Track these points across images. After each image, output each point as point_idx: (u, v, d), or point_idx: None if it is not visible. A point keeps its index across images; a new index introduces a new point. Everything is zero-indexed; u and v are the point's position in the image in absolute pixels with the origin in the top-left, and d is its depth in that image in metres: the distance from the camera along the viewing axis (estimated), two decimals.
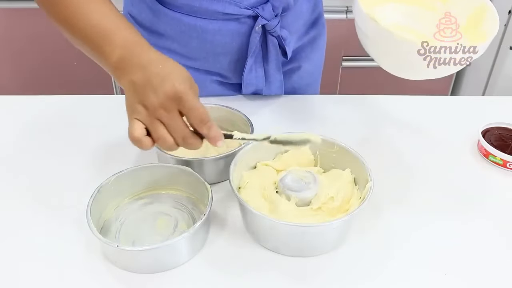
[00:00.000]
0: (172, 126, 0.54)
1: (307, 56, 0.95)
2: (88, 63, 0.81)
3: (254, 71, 0.88)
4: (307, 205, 0.64)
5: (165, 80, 0.53)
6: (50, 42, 1.70)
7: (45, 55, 1.74)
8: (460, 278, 0.59)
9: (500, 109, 0.92)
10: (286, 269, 0.59)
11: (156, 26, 0.84)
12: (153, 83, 0.53)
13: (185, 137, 0.55)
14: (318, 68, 1.01)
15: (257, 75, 0.88)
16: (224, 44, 0.84)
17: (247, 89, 0.91)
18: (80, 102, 0.93)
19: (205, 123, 0.55)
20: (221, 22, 0.81)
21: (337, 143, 0.70)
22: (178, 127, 0.54)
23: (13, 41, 1.71)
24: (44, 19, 0.67)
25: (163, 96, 0.53)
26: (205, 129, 0.55)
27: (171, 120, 0.54)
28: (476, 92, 1.82)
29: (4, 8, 1.62)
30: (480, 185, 0.74)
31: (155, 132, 0.54)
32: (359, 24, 0.66)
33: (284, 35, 0.85)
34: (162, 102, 0.53)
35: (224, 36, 0.83)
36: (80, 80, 1.77)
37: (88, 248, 0.61)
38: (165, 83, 0.53)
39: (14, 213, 0.67)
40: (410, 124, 0.88)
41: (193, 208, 0.67)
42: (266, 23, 0.80)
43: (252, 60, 0.86)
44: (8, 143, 0.81)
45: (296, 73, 0.95)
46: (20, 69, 1.79)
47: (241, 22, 0.81)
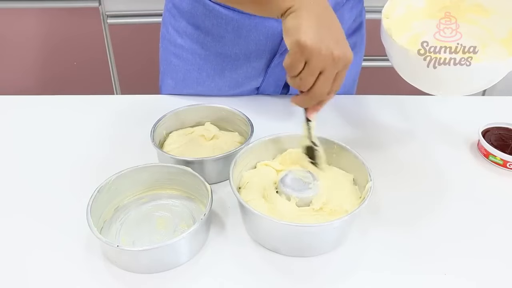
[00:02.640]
0: (329, 80, 0.58)
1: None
2: (88, 63, 0.81)
3: (280, 66, 0.87)
4: (307, 205, 0.64)
5: (345, 42, 0.59)
6: (50, 42, 1.70)
7: (45, 55, 1.74)
8: (460, 278, 0.59)
9: (500, 109, 0.92)
10: (286, 269, 0.59)
11: (195, 17, 0.85)
12: (339, 37, 0.58)
13: (329, 93, 0.60)
14: (350, 80, 1.00)
15: (281, 68, 0.88)
16: (258, 41, 0.83)
17: (268, 81, 0.90)
18: (80, 102, 0.93)
19: (333, 93, 0.61)
20: (258, 19, 0.81)
21: (337, 143, 0.70)
22: (330, 83, 0.59)
23: (12, 41, 1.71)
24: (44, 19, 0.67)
25: (340, 53, 0.56)
26: (329, 98, 0.61)
27: (331, 74, 0.58)
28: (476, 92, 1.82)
29: (4, 8, 1.62)
30: (480, 185, 0.74)
31: (313, 73, 0.57)
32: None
33: None
34: (338, 56, 0.56)
35: (259, 33, 0.82)
36: (80, 80, 1.77)
37: (88, 248, 0.61)
38: (345, 44, 0.58)
39: (14, 213, 0.67)
40: (410, 124, 0.88)
41: (193, 208, 0.67)
42: None
43: (281, 58, 0.85)
44: (8, 143, 0.81)
45: None
46: (20, 69, 1.79)
47: (278, 21, 0.81)
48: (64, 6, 1.61)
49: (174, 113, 0.79)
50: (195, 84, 0.92)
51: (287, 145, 0.72)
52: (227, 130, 0.81)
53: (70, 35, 1.69)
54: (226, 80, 0.91)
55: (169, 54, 0.92)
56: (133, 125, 0.85)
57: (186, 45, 0.89)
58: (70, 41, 1.70)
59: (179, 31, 0.89)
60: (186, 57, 0.90)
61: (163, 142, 0.77)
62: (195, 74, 0.91)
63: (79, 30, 1.68)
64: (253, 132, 0.74)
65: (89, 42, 1.70)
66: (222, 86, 0.91)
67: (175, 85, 0.94)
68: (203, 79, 0.91)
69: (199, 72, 0.90)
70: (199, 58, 0.89)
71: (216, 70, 0.89)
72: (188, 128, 0.80)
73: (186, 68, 0.91)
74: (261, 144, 0.71)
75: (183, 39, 0.89)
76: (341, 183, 0.67)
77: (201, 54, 0.88)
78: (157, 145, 0.73)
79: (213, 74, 0.90)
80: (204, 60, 0.89)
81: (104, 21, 1.67)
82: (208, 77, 0.90)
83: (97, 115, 0.89)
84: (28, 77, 1.81)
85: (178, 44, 0.90)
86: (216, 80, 0.91)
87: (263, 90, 0.93)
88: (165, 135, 0.78)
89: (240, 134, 0.79)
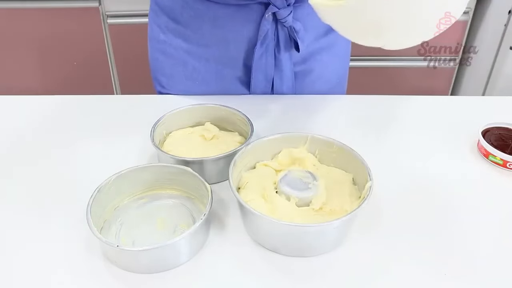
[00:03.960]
0: None
1: (322, 60, 0.93)
2: (88, 63, 0.82)
3: (264, 58, 0.87)
4: (307, 205, 0.64)
5: None
6: (50, 42, 1.70)
7: (45, 55, 1.74)
8: (460, 278, 0.59)
9: (500, 109, 0.92)
10: (286, 269, 0.59)
11: (174, 10, 0.85)
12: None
13: None
14: (334, 78, 0.99)
15: (267, 61, 0.88)
16: (235, 31, 0.84)
17: (256, 77, 0.90)
18: (80, 102, 0.93)
19: None
20: (233, 8, 0.81)
21: (336, 143, 0.70)
22: None
23: (12, 41, 1.71)
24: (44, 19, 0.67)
25: None
26: None
27: None
28: (476, 92, 1.82)
29: (4, 8, 1.62)
30: (480, 185, 0.74)
31: None
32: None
33: (297, 28, 0.84)
34: None
35: (235, 23, 0.83)
36: (80, 80, 1.77)
37: (88, 248, 0.61)
38: None
39: (14, 213, 0.67)
40: (410, 124, 0.88)
41: (193, 208, 0.67)
42: (277, 11, 0.80)
43: (262, 49, 0.85)
44: (7, 143, 0.81)
45: (308, 76, 0.94)
46: (20, 69, 1.79)
47: (252, 9, 0.81)
48: (64, 6, 1.61)
49: (174, 113, 0.79)
50: (184, 79, 0.92)
51: (287, 145, 0.72)
52: (227, 130, 0.81)
53: (70, 35, 1.69)
54: (212, 73, 0.91)
55: (155, 52, 0.93)
56: (133, 125, 0.85)
57: (169, 40, 0.89)
58: (70, 41, 1.70)
59: (161, 26, 0.89)
60: (170, 52, 0.90)
61: (163, 142, 0.77)
62: (181, 68, 0.91)
63: (79, 30, 1.68)
64: (253, 132, 0.74)
65: (89, 42, 1.70)
66: (210, 80, 0.91)
67: (166, 81, 0.94)
68: (190, 72, 0.91)
69: (185, 66, 0.91)
70: (182, 52, 0.89)
71: (201, 63, 0.90)
72: (188, 128, 0.80)
73: (172, 63, 0.91)
74: (260, 144, 0.71)
75: (165, 34, 0.89)
76: (341, 183, 0.67)
77: (184, 48, 0.89)
78: (157, 145, 0.73)
79: (199, 67, 0.90)
80: (188, 54, 0.89)
81: (104, 21, 1.67)
82: (195, 71, 0.91)
83: (97, 115, 0.89)
84: (28, 77, 1.81)
85: (161, 40, 0.90)
86: (202, 72, 0.91)
87: (255, 88, 0.92)
88: (165, 135, 0.78)
89: (240, 134, 0.79)
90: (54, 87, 1.80)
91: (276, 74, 0.90)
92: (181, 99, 0.92)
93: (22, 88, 1.82)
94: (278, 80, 0.91)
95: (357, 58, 1.77)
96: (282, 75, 0.90)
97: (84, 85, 1.77)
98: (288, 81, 0.92)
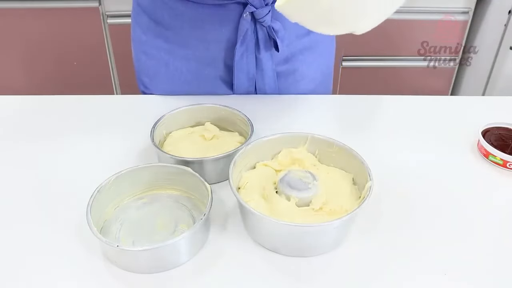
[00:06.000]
0: None
1: (305, 60, 0.93)
2: (88, 63, 0.82)
3: (245, 58, 0.87)
4: (307, 205, 0.64)
5: None
6: (49, 42, 1.70)
7: (45, 55, 1.74)
8: (460, 278, 0.59)
9: (500, 109, 0.92)
10: (286, 269, 0.59)
11: (155, 11, 0.85)
12: None
13: None
14: (318, 78, 0.98)
15: (248, 61, 0.88)
16: (214, 30, 0.84)
17: (238, 77, 0.89)
18: (80, 102, 0.93)
19: None
20: (211, 8, 0.81)
21: (336, 143, 0.70)
22: None
23: (12, 41, 1.71)
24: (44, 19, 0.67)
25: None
26: None
27: None
28: (476, 92, 1.82)
29: (4, 8, 1.62)
30: (480, 185, 0.74)
31: None
32: None
33: (276, 27, 0.84)
34: None
35: (214, 23, 0.83)
36: (80, 80, 1.77)
37: (88, 248, 0.61)
38: None
39: (14, 213, 0.67)
40: (410, 124, 0.88)
41: (193, 208, 0.67)
42: (255, 10, 0.80)
43: (243, 48, 0.85)
44: (7, 143, 0.81)
45: (291, 76, 0.94)
46: (20, 69, 1.79)
47: (230, 8, 0.81)
48: (64, 6, 1.61)
49: (174, 113, 0.79)
50: (166, 79, 0.92)
51: (287, 145, 0.72)
52: (227, 130, 0.81)
53: (70, 35, 1.69)
54: (194, 73, 0.90)
55: (138, 52, 0.93)
56: (133, 125, 0.85)
57: (150, 41, 0.89)
58: (70, 41, 1.70)
59: (143, 27, 0.89)
60: (152, 53, 0.90)
61: (163, 142, 0.78)
62: (163, 69, 0.91)
63: (79, 30, 1.68)
64: (253, 132, 0.74)
65: (89, 42, 1.70)
66: (192, 80, 0.91)
67: (149, 82, 0.94)
68: (172, 73, 0.91)
69: (166, 67, 0.91)
70: (164, 53, 0.89)
71: (182, 63, 0.90)
72: (188, 128, 0.80)
73: (153, 64, 0.91)
74: (260, 144, 0.71)
75: (146, 35, 0.89)
76: (341, 183, 0.67)
77: (165, 48, 0.89)
78: (157, 145, 0.73)
79: (181, 67, 0.90)
80: (169, 54, 0.89)
81: (104, 21, 1.67)
82: (176, 71, 0.91)
83: (97, 115, 0.89)
84: (28, 77, 1.81)
85: (143, 41, 0.90)
86: (184, 73, 0.91)
87: (238, 88, 0.92)
88: (165, 135, 0.78)
89: (240, 134, 0.79)
90: (54, 87, 1.80)
91: (257, 74, 0.90)
92: (181, 99, 0.92)
93: (22, 88, 1.82)
94: (260, 79, 0.91)
95: (357, 58, 1.77)
96: (263, 75, 0.90)
97: (84, 85, 1.76)
98: (270, 80, 0.91)
